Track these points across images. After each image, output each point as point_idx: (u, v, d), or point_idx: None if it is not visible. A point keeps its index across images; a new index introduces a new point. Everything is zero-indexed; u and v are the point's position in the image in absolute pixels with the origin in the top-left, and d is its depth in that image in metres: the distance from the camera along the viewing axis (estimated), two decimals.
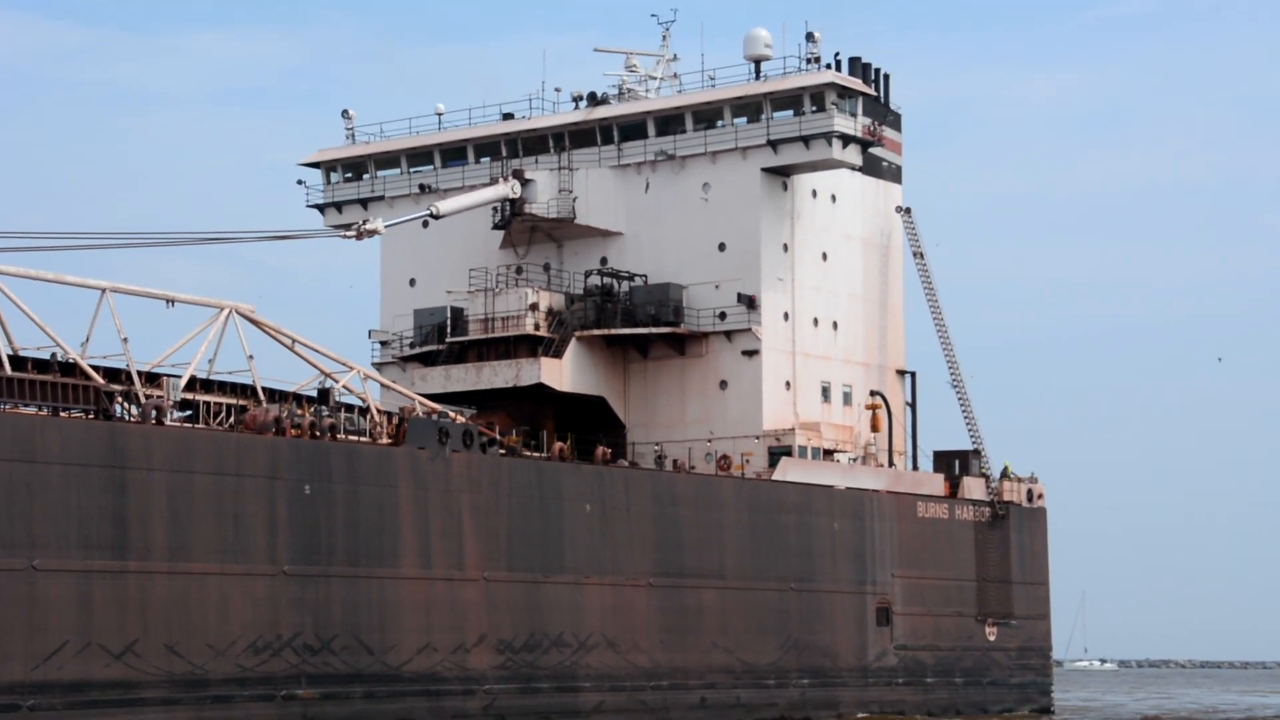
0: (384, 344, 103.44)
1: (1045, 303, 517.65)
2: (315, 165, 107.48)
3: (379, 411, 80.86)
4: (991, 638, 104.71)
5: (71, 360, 68.15)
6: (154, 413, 68.79)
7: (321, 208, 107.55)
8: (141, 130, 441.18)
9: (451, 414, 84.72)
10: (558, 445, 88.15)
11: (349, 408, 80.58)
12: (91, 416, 66.77)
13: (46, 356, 67.89)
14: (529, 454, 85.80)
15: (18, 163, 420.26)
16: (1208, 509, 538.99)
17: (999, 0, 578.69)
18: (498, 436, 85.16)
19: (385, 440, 78.17)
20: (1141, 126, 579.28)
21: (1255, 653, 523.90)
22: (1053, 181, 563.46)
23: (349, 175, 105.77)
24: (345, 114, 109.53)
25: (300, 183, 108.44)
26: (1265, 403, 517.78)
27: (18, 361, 66.45)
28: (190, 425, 71.27)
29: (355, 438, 77.50)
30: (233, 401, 74.85)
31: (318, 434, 74.48)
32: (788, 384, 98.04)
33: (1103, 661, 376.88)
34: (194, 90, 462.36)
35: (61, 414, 65.96)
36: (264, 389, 76.64)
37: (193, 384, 72.89)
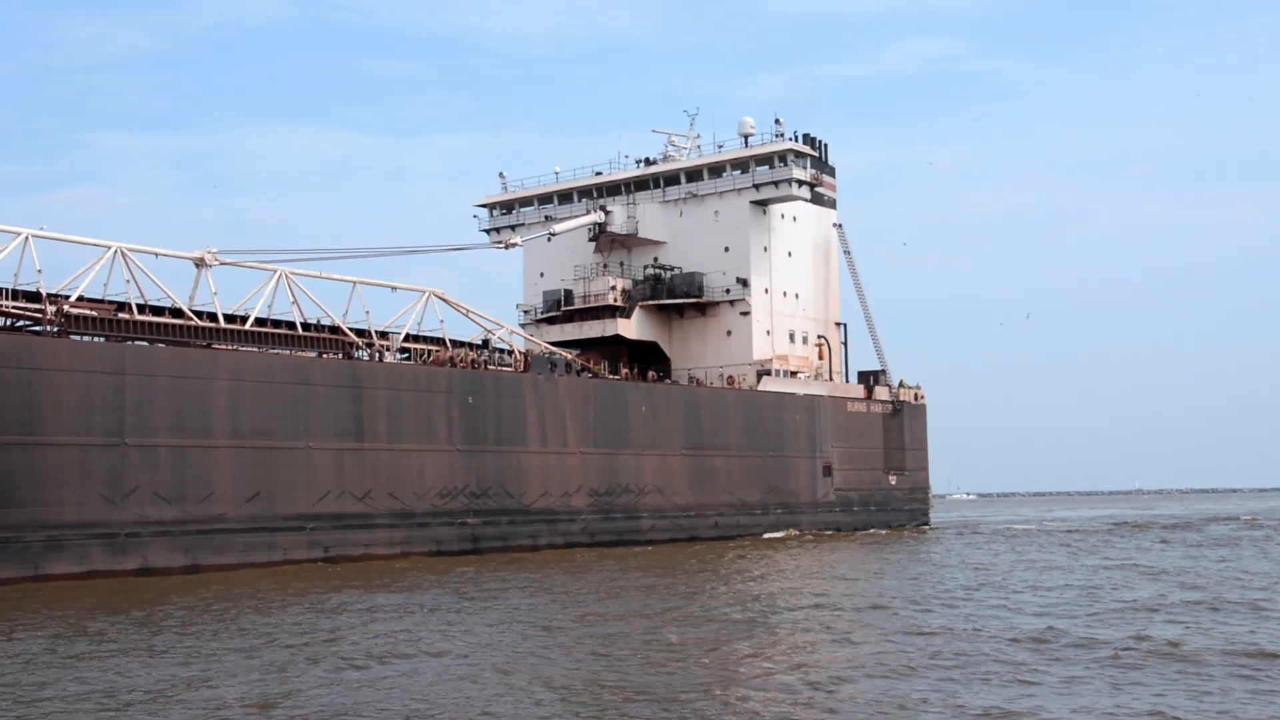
0: (526, 312, 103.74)
1: (928, 281, 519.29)
2: (484, 206, 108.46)
3: (520, 353, 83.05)
4: (893, 482, 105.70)
5: (335, 324, 71.38)
6: (378, 355, 72.11)
7: (488, 231, 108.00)
8: (403, 195, 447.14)
9: (562, 353, 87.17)
10: (624, 371, 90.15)
11: (502, 350, 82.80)
12: (341, 357, 69.78)
13: (312, 321, 70.58)
14: (608, 377, 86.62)
15: (331, 219, 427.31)
16: (1034, 399, 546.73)
17: (911, 98, 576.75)
18: (589, 367, 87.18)
19: (519, 370, 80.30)
20: (999, 179, 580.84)
21: (1069, 485, 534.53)
22: (939, 210, 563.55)
23: (503, 211, 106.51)
24: (501, 175, 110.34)
25: (475, 217, 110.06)
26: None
27: (305, 326, 69.56)
28: (401, 362, 73.49)
29: (502, 369, 79.12)
30: (432, 348, 77.02)
31: (476, 366, 76.78)
32: (768, 332, 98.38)
33: (968, 494, 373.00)
34: (435, 171, 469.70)
35: (325, 356, 69.31)
36: (450, 340, 79.11)
37: (409, 338, 75.81)
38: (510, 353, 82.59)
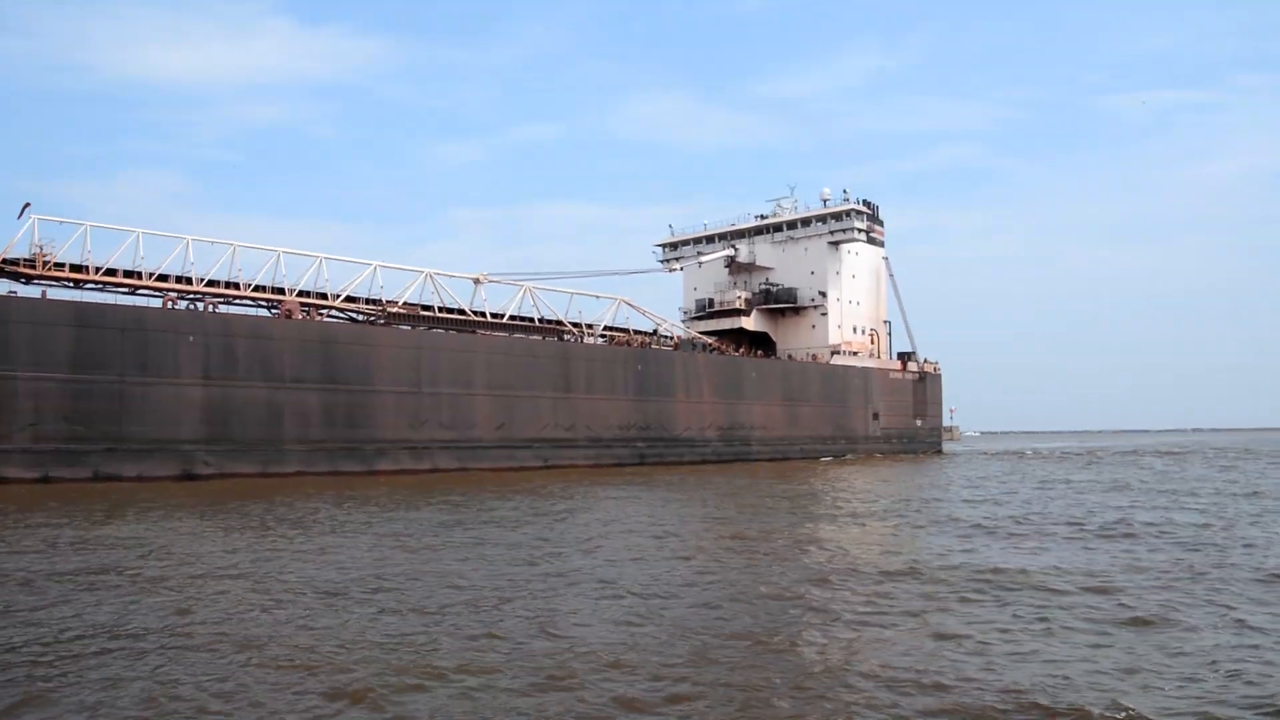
0: (685, 312, 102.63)
1: (952, 294, 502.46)
2: (660, 245, 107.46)
3: (675, 338, 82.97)
4: (919, 424, 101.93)
5: (558, 319, 72.03)
6: (581, 338, 72.53)
7: (663, 261, 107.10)
8: (620, 240, 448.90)
9: (704, 339, 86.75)
10: (743, 351, 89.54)
11: (665, 336, 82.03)
12: (557, 340, 69.62)
13: (535, 318, 71.23)
14: (731, 354, 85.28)
15: (580, 256, 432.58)
16: (1014, 370, 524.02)
17: (944, 183, 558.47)
18: (720, 348, 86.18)
19: (673, 349, 79.44)
20: (997, 234, 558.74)
21: (1049, 425, 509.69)
22: (961, 251, 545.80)
23: (671, 248, 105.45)
24: (669, 226, 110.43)
25: (653, 252, 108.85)
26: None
27: (540, 320, 70.63)
28: (595, 343, 72.50)
29: (662, 348, 77.89)
30: (619, 334, 76.13)
31: (644, 346, 76.07)
32: (839, 326, 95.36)
33: (975, 431, 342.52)
34: (637, 226, 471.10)
35: (545, 339, 68.91)
36: (633, 329, 78.97)
37: (606, 328, 74.97)
38: (670, 338, 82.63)
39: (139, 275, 52.85)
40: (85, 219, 52.31)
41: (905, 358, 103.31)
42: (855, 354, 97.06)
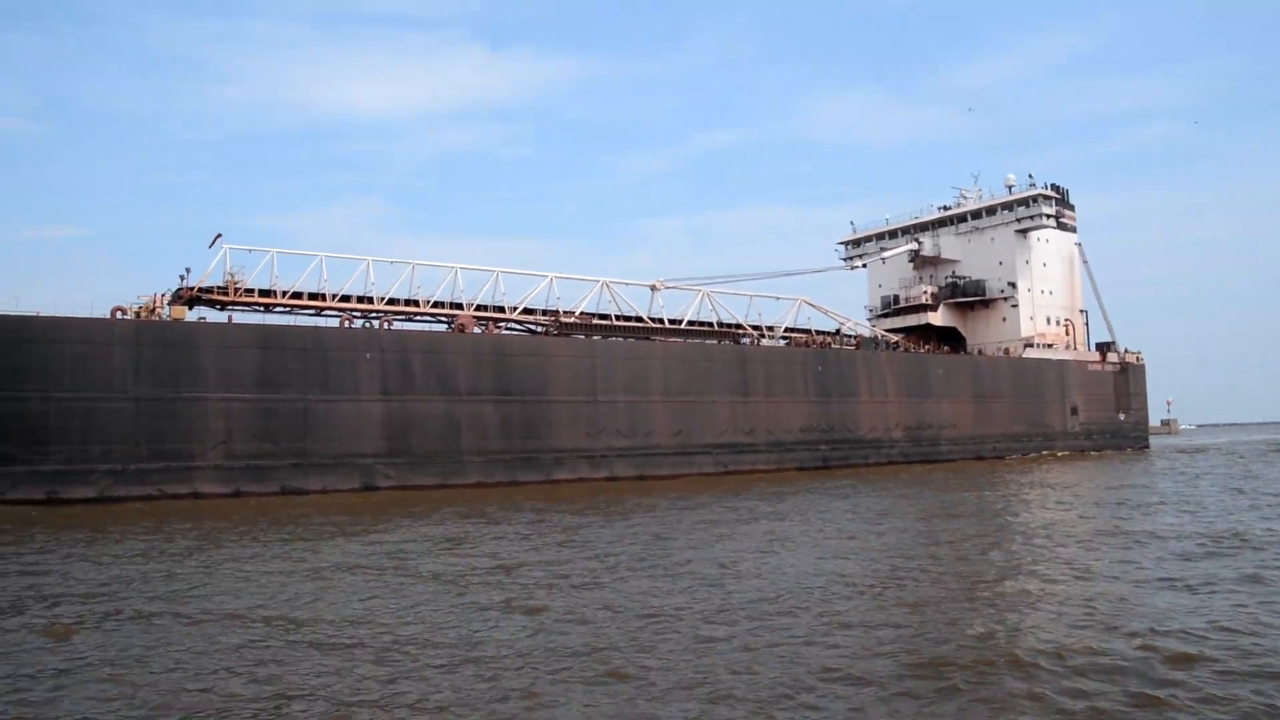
0: (870, 310, 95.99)
1: (1152, 283, 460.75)
2: (842, 243, 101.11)
3: (859, 338, 76.33)
4: (1122, 418, 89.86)
5: (737, 322, 67.39)
6: (758, 341, 67.34)
7: (845, 259, 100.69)
8: (805, 241, 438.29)
9: (888, 336, 79.75)
10: (929, 347, 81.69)
11: (849, 336, 75.99)
12: (732, 343, 65.29)
13: (713, 323, 66.75)
14: (916, 350, 78.00)
15: (768, 257, 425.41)
16: (1231, 358, 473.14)
17: (1135, 164, 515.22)
18: (906, 344, 78.86)
19: (855, 347, 73.34)
20: (1198, 215, 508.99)
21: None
22: (1157, 235, 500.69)
23: (853, 245, 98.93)
24: (851, 223, 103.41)
25: (835, 250, 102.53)
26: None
27: (718, 324, 66.37)
28: (772, 345, 67.26)
29: (844, 347, 71.80)
30: (800, 335, 71.42)
31: (824, 346, 70.22)
32: (1030, 318, 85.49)
33: (1191, 425, 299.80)
34: (820, 227, 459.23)
35: (722, 343, 64.52)
36: (814, 330, 73.60)
37: (787, 329, 70.12)
38: (852, 337, 76.16)
39: (323, 297, 51.53)
40: (300, 248, 51.53)
41: (1104, 348, 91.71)
42: (1050, 346, 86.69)
